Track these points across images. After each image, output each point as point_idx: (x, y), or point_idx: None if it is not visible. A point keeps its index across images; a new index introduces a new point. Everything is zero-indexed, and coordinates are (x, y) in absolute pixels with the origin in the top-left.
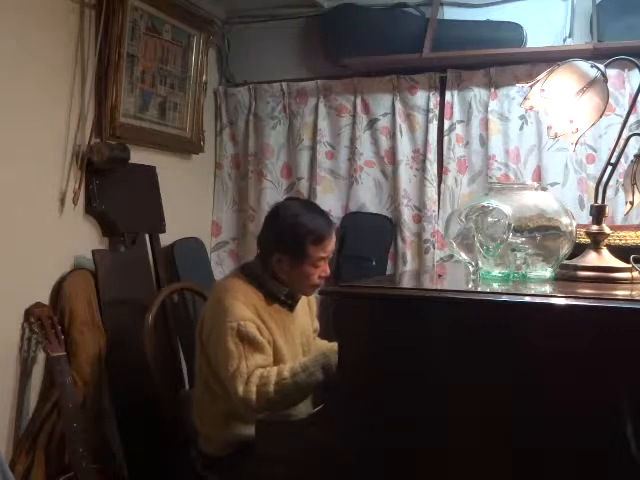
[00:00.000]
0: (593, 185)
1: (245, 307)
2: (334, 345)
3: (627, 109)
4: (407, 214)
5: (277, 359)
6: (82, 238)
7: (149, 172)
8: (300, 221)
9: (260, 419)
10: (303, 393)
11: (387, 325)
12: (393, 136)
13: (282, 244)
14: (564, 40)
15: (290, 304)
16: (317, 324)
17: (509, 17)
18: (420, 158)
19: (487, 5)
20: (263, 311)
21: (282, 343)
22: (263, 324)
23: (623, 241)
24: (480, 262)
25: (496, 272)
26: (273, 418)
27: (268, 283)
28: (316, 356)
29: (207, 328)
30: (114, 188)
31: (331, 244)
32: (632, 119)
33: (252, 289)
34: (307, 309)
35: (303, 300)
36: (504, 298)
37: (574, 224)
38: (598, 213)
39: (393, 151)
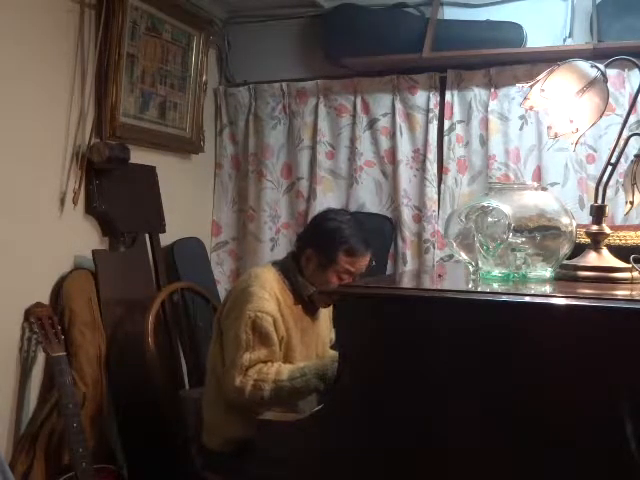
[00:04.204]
0: (593, 185)
1: (269, 298)
2: (336, 355)
3: (627, 109)
4: (407, 214)
5: (288, 356)
6: (82, 238)
7: (149, 172)
8: (342, 227)
9: (261, 418)
10: (296, 397)
11: (387, 325)
12: (393, 136)
13: (317, 242)
14: (564, 40)
15: (311, 307)
16: (333, 335)
17: (509, 17)
18: (420, 158)
19: (487, 5)
20: (286, 307)
21: (297, 342)
22: (281, 318)
23: (623, 241)
24: (480, 262)
25: (496, 272)
26: (274, 417)
27: (296, 279)
28: (317, 364)
29: (228, 307)
30: (114, 188)
31: (361, 264)
32: (632, 119)
33: (282, 283)
34: (328, 319)
35: (325, 310)
36: (504, 298)
37: (574, 224)
38: (598, 213)
39: (393, 151)
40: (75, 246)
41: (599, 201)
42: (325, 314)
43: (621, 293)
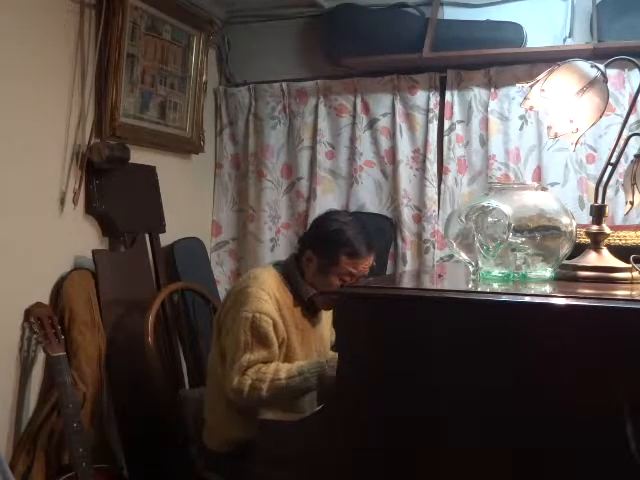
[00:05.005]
0: (593, 185)
1: (268, 299)
2: (336, 355)
3: (627, 109)
4: (407, 214)
5: (289, 358)
6: (82, 238)
7: (149, 172)
8: (344, 229)
9: (262, 418)
10: (294, 395)
11: (387, 325)
12: (393, 136)
13: (318, 244)
14: (564, 40)
15: (312, 309)
16: (334, 337)
17: (509, 17)
18: (420, 158)
19: (487, 5)
20: (286, 308)
21: (297, 344)
22: (281, 320)
23: (623, 241)
24: (480, 262)
25: (496, 272)
26: (275, 417)
27: (297, 281)
28: (315, 363)
29: (226, 308)
30: (114, 188)
31: (363, 266)
32: (632, 119)
33: (282, 285)
34: (329, 322)
35: (326, 312)
36: (504, 298)
37: (574, 224)
38: (598, 213)
39: (393, 151)
40: (75, 246)
41: (599, 201)
42: (326, 316)
43: (621, 293)
